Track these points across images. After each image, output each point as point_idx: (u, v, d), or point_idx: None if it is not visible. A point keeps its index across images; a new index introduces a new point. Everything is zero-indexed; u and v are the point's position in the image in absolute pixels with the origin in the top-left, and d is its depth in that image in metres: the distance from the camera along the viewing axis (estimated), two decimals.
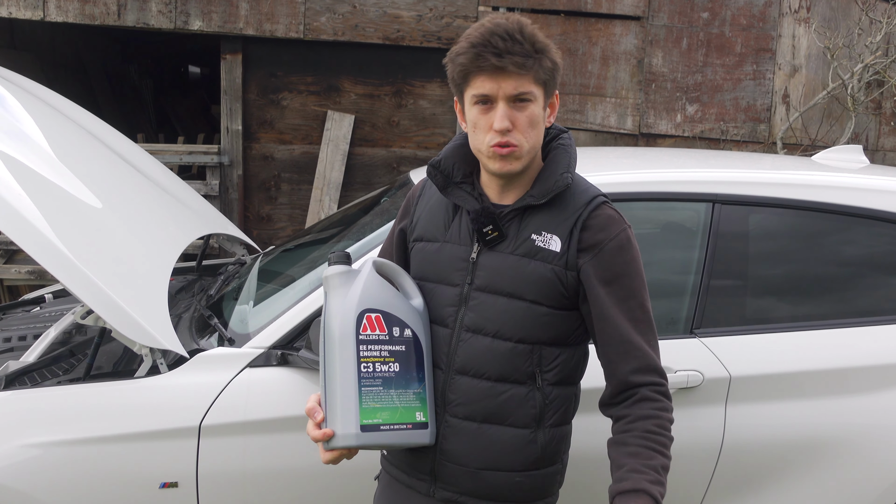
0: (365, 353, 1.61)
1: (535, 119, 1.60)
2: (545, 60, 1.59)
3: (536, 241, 1.64)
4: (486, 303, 1.66)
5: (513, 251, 1.66)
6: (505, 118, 1.58)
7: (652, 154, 3.32)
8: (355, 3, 5.79)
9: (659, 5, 5.93)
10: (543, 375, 1.66)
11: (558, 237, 1.64)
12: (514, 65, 1.54)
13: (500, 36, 1.55)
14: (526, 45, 1.55)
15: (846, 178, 2.62)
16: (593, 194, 1.68)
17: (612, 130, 6.01)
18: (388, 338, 1.64)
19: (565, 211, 1.66)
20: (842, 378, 2.36)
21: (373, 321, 1.63)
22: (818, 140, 6.03)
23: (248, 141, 5.97)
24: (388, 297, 1.67)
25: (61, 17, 5.60)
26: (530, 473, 1.69)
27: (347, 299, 1.64)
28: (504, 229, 1.66)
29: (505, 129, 1.58)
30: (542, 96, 1.61)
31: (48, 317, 3.09)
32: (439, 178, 1.74)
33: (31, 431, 2.17)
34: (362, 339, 1.61)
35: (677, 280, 2.45)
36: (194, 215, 3.23)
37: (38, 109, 2.71)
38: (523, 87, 1.57)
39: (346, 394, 1.59)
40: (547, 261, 1.64)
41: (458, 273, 1.70)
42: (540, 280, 1.64)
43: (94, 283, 2.13)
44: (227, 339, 2.38)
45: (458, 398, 1.68)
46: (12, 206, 2.11)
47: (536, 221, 1.66)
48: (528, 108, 1.59)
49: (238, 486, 2.23)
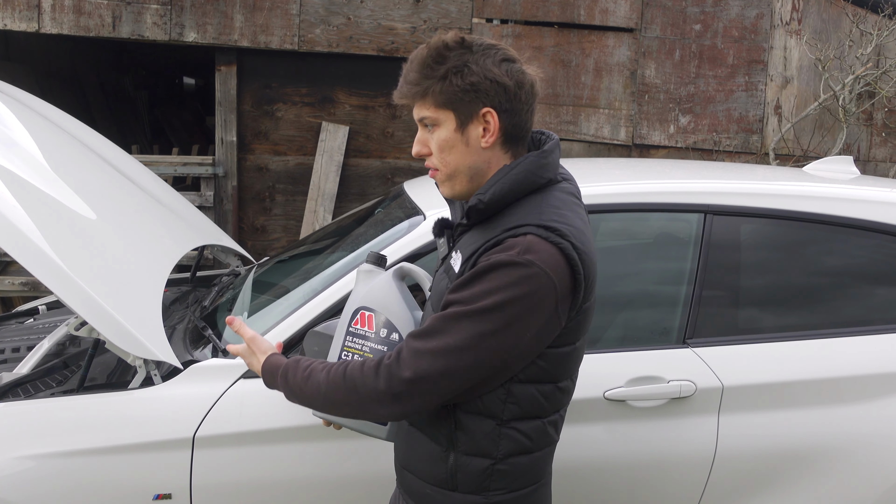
0: (349, 342, 1.78)
1: (442, 143, 1.58)
2: (442, 84, 1.53)
3: (451, 259, 1.65)
4: (427, 314, 1.72)
5: (442, 268, 1.70)
6: (417, 143, 1.63)
7: (645, 165, 3.34)
8: (350, 15, 5.82)
9: (652, 17, 5.97)
10: (461, 405, 1.58)
11: (463, 256, 1.58)
12: (401, 95, 1.60)
13: (410, 61, 1.59)
14: (411, 74, 1.57)
15: (837, 189, 2.64)
16: (521, 222, 1.51)
17: (606, 141, 6.03)
18: (375, 336, 1.75)
19: (487, 233, 1.55)
20: (834, 387, 2.37)
21: (365, 318, 1.77)
22: (810, 151, 6.07)
23: (242, 152, 5.98)
24: (389, 301, 1.78)
25: (56, 29, 5.61)
26: (443, 491, 1.63)
27: (356, 294, 1.81)
28: (453, 246, 1.68)
29: (417, 153, 1.63)
30: (451, 119, 1.56)
31: (42, 328, 3.09)
32: None
33: (25, 443, 2.17)
34: (351, 330, 1.78)
35: (669, 290, 2.47)
36: (189, 226, 3.23)
37: (32, 121, 2.72)
38: (421, 113, 1.59)
39: None
40: (451, 279, 1.59)
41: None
42: (441, 298, 1.59)
43: (89, 294, 2.13)
44: (221, 350, 2.38)
45: None
46: (6, 218, 2.11)
47: (463, 241, 1.63)
48: (434, 132, 1.60)
49: (232, 497, 2.23)
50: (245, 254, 3.68)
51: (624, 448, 2.30)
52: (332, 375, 1.58)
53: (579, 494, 2.31)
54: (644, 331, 2.47)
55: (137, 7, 5.64)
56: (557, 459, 2.05)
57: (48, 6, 5.56)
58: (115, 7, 5.64)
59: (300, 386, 1.63)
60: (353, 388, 1.54)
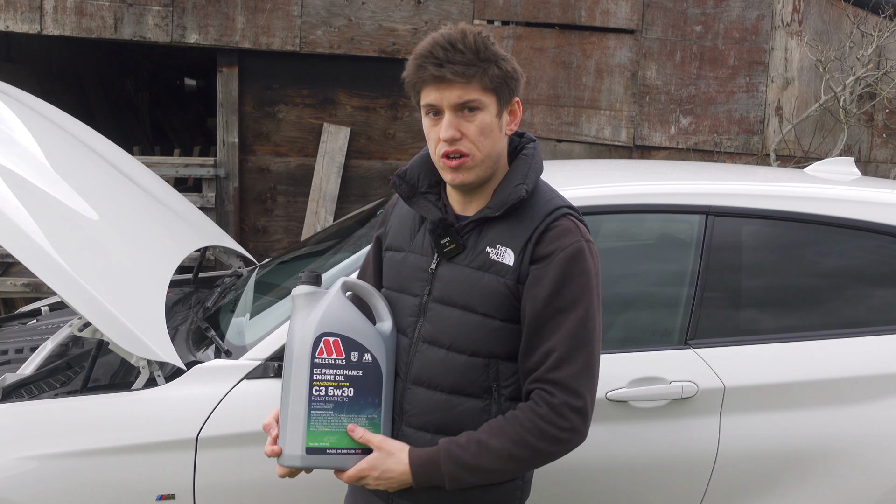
0: (318, 376, 1.61)
1: (485, 127, 1.59)
2: (491, 68, 1.57)
3: (491, 255, 1.63)
4: (442, 314, 1.66)
5: (468, 263, 1.65)
6: (450, 127, 1.58)
7: (646, 166, 3.34)
8: (351, 17, 5.83)
9: (652, 19, 5.98)
10: (501, 390, 1.64)
11: (512, 250, 1.62)
12: (454, 73, 1.54)
13: (442, 46, 1.55)
14: (467, 54, 1.54)
15: (838, 190, 2.64)
16: (555, 206, 1.65)
17: (607, 142, 6.04)
18: (345, 362, 1.62)
19: (523, 223, 1.63)
20: (836, 388, 2.37)
21: (330, 345, 1.61)
22: (811, 152, 6.07)
23: (244, 153, 5.99)
24: (350, 321, 1.65)
25: (58, 31, 5.62)
26: (488, 487, 1.65)
27: (308, 321, 1.63)
28: (464, 241, 1.65)
29: (451, 139, 1.58)
30: (493, 104, 1.59)
31: (45, 329, 3.10)
32: (405, 188, 1.73)
33: (29, 444, 2.17)
34: (317, 362, 1.61)
35: (671, 291, 2.47)
36: (191, 228, 3.24)
37: (34, 122, 2.72)
38: (468, 96, 1.56)
39: (296, 415, 1.61)
40: (500, 274, 1.61)
41: (418, 283, 1.70)
42: (492, 294, 1.62)
43: (92, 295, 2.14)
44: (223, 351, 2.39)
45: (412, 409, 1.67)
46: (10, 219, 2.12)
47: (493, 234, 1.64)
48: (476, 116, 1.58)
49: (235, 497, 2.23)
50: (247, 255, 3.69)
51: (626, 448, 2.30)
52: (513, 437, 1.56)
53: (582, 495, 2.31)
54: (646, 332, 2.47)
55: (139, 9, 5.65)
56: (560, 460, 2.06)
57: (50, 8, 5.57)
58: (116, 9, 5.65)
59: (474, 462, 1.57)
60: (543, 436, 1.57)
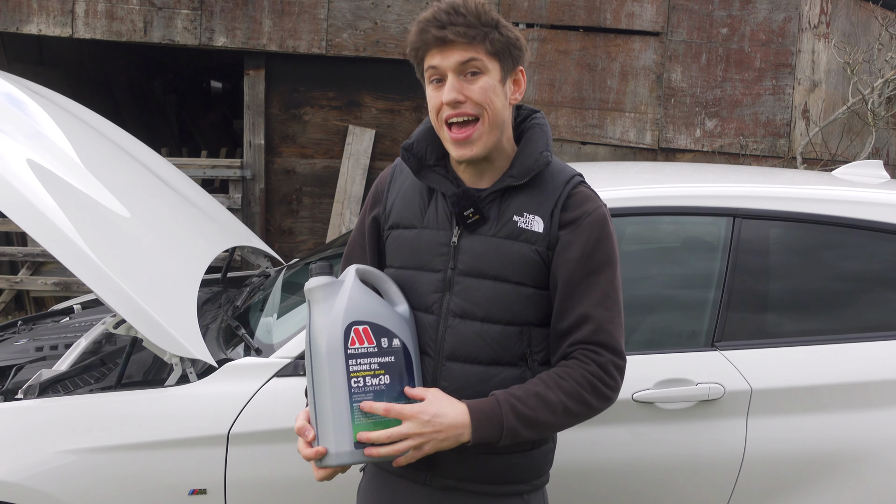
0: (354, 367, 1.56)
1: (489, 89, 1.58)
2: (494, 33, 1.57)
3: (519, 223, 1.64)
4: (472, 287, 1.64)
5: (495, 234, 1.64)
6: (452, 90, 1.57)
7: (672, 168, 3.34)
8: (376, 20, 5.87)
9: (678, 21, 5.97)
10: (534, 356, 1.66)
11: (540, 217, 1.64)
12: (456, 34, 1.55)
13: (445, 10, 1.57)
14: (469, 17, 1.56)
15: (866, 194, 2.63)
16: (570, 173, 1.69)
17: (632, 145, 6.03)
18: (377, 350, 1.58)
19: (545, 191, 1.65)
20: (863, 392, 2.36)
21: (361, 334, 1.57)
22: (838, 155, 6.03)
23: (270, 155, 6.05)
24: (374, 307, 1.62)
25: (89, 34, 5.72)
26: (527, 453, 1.68)
27: (333, 313, 1.58)
28: (485, 212, 1.65)
29: (454, 101, 1.57)
30: (496, 69, 1.59)
31: (78, 327, 3.15)
32: (413, 161, 1.71)
33: (65, 438, 2.22)
34: (351, 353, 1.56)
35: (698, 293, 2.47)
36: (220, 228, 3.28)
37: (66, 121, 2.77)
38: (470, 55, 1.56)
39: (338, 411, 1.55)
40: (530, 242, 1.63)
41: (439, 258, 1.67)
42: (524, 261, 1.63)
43: (127, 293, 2.18)
44: (254, 349, 2.43)
45: (450, 385, 1.64)
46: (45, 216, 2.16)
47: (517, 202, 1.65)
48: (479, 79, 1.58)
49: (266, 493, 2.27)
50: (275, 255, 3.73)
51: (652, 450, 2.31)
52: (569, 391, 1.59)
53: (607, 496, 2.32)
54: (672, 333, 2.48)
55: (168, 12, 5.74)
56: (585, 460, 2.08)
57: (81, 12, 5.66)
58: (146, 13, 5.73)
59: (534, 415, 1.58)
60: (594, 391, 1.61)
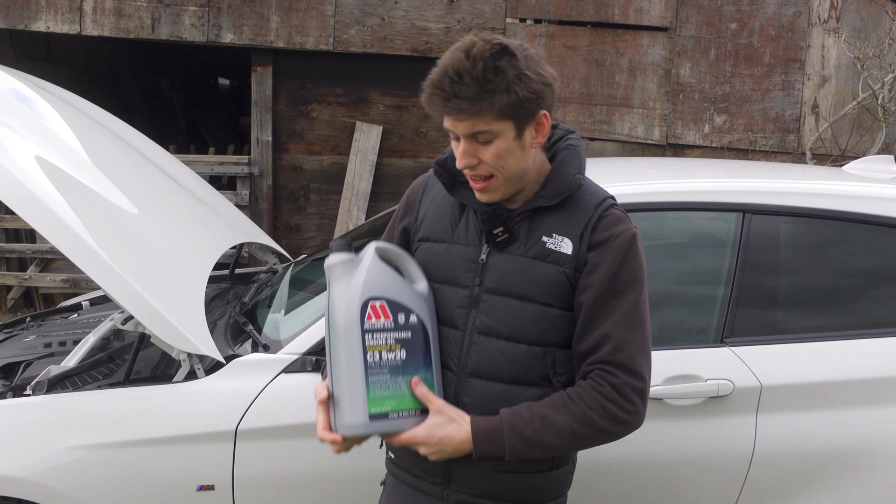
0: (371, 342, 1.59)
1: (501, 153, 1.57)
2: (502, 97, 1.51)
3: (547, 244, 1.64)
4: (498, 305, 1.65)
5: (523, 253, 1.65)
6: (465, 155, 1.58)
7: (681, 164, 3.33)
8: (384, 16, 5.86)
9: (686, 16, 5.94)
10: (558, 377, 1.66)
11: (569, 239, 1.63)
12: (459, 109, 1.52)
13: (451, 77, 1.51)
14: (473, 88, 1.50)
15: (878, 189, 2.61)
16: (603, 196, 1.68)
17: (640, 141, 6.01)
18: (394, 325, 1.61)
19: (576, 213, 1.65)
20: (873, 388, 2.35)
21: (377, 309, 1.61)
22: (848, 150, 5.99)
23: (277, 152, 6.05)
24: (392, 284, 1.65)
25: (97, 31, 5.73)
26: (546, 474, 1.69)
27: (351, 288, 1.61)
28: (514, 231, 1.65)
29: (468, 166, 1.59)
30: (510, 128, 1.56)
31: (86, 323, 3.16)
32: (446, 176, 1.72)
33: (74, 434, 2.23)
34: (367, 327, 1.59)
35: (707, 289, 2.46)
36: (228, 224, 3.28)
37: (74, 118, 2.78)
38: (479, 127, 1.54)
39: (354, 383, 1.59)
40: (558, 263, 1.63)
41: (467, 274, 1.68)
42: (551, 282, 1.63)
43: (135, 289, 2.17)
44: (261, 345, 2.43)
45: (472, 401, 1.65)
46: (54, 212, 2.16)
47: (547, 223, 1.65)
48: (491, 145, 1.57)
49: (273, 489, 2.27)
50: (283, 251, 3.73)
51: (662, 446, 2.30)
52: (577, 414, 1.58)
53: (617, 492, 2.32)
54: (681, 329, 2.47)
55: (176, 9, 5.74)
56: (594, 457, 2.06)
57: (89, 9, 5.67)
58: (154, 9, 5.74)
59: (538, 437, 1.59)
60: (606, 415, 1.59)
